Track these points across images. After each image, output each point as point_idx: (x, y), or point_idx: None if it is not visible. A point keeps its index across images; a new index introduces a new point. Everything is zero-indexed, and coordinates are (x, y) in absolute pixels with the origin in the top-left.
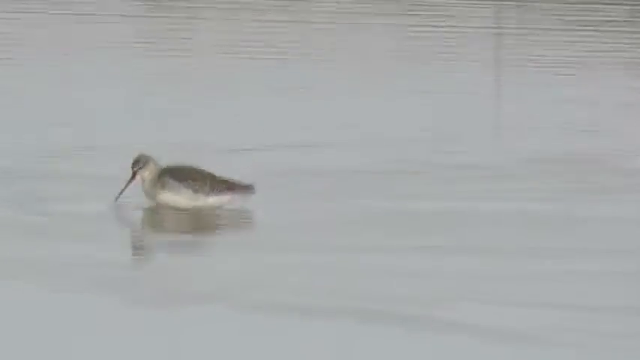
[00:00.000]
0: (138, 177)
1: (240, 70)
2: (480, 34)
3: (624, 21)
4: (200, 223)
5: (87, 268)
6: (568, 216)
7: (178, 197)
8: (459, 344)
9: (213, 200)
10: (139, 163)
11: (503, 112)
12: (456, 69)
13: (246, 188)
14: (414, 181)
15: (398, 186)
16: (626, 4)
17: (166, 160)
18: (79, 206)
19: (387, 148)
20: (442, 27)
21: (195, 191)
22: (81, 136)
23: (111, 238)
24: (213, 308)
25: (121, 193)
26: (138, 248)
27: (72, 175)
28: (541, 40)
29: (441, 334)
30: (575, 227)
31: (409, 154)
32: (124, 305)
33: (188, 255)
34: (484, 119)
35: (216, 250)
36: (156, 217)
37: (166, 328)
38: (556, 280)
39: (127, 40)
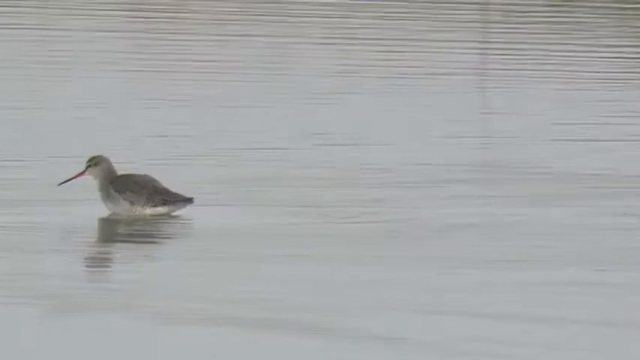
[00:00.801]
0: (87, 173)
1: (182, 81)
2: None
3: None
4: (136, 232)
5: (20, 278)
6: (505, 224)
7: (118, 208)
8: (386, 355)
9: (149, 211)
10: (92, 160)
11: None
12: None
13: (183, 201)
14: (343, 190)
15: (327, 194)
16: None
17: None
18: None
19: (323, 155)
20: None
21: (132, 203)
22: (25, 145)
23: (41, 248)
24: (129, 317)
25: (66, 181)
26: (86, 258)
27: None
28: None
29: (367, 345)
30: (512, 236)
31: (344, 162)
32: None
33: (116, 265)
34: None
35: (146, 259)
36: (94, 226)
37: (81, 338)
38: (486, 291)
39: (79, 58)
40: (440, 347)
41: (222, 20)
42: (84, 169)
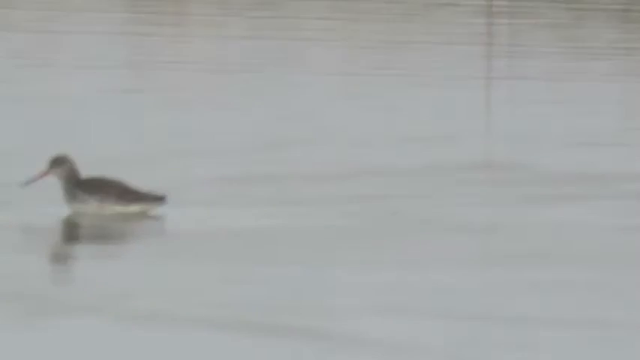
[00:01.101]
0: (50, 173)
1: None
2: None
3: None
4: (107, 232)
5: None
6: (509, 225)
7: (86, 207)
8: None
9: (120, 209)
10: (56, 161)
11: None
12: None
13: (155, 199)
14: (343, 190)
15: (324, 194)
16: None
17: (86, 172)
18: None
19: (294, 155)
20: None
21: (101, 201)
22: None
23: (10, 249)
24: (99, 319)
25: (30, 181)
26: (54, 258)
27: None
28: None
29: (347, 349)
30: (517, 237)
31: (344, 161)
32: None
33: (84, 264)
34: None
35: (120, 259)
36: (63, 226)
37: (52, 341)
38: (468, 291)
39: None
40: (442, 353)
41: (220, 22)
42: (47, 169)
